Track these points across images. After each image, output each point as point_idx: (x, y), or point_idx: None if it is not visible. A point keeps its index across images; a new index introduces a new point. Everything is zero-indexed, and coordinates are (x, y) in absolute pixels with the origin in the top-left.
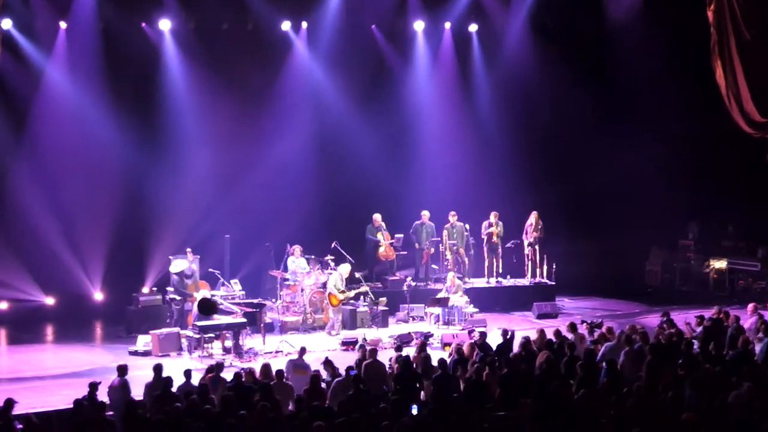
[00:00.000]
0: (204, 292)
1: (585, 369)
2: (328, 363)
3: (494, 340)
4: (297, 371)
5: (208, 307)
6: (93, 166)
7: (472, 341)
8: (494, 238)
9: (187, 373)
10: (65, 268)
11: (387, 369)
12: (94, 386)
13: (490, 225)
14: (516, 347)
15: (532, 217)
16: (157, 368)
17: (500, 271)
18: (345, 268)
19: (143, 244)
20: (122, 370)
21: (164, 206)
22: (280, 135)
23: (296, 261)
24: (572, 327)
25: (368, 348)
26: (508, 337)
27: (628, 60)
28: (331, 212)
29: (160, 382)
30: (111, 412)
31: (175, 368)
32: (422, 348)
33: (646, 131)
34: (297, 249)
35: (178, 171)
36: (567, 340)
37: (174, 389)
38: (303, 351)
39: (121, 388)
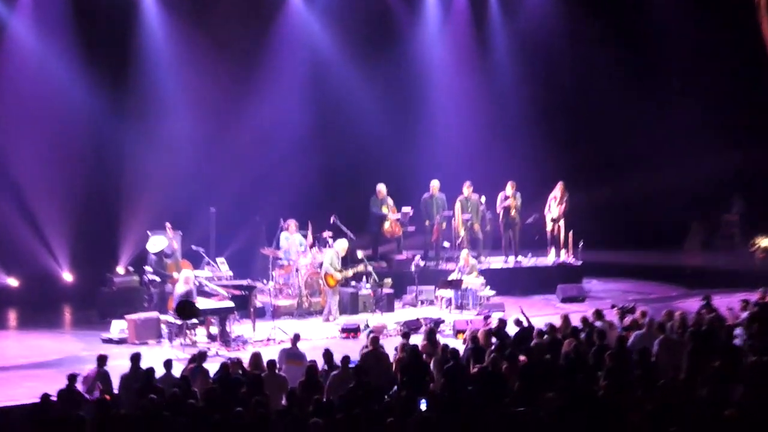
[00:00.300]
0: (186, 273)
1: (615, 359)
2: (327, 354)
3: (513, 326)
4: (291, 361)
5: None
6: (60, 130)
7: (488, 328)
8: (512, 212)
9: (168, 364)
10: (30, 246)
11: (392, 359)
12: (73, 378)
13: (507, 197)
14: (537, 335)
15: (558, 189)
16: (135, 358)
17: (519, 249)
18: (341, 245)
19: (117, 218)
20: (102, 360)
21: (141, 175)
22: (272, 97)
23: (290, 237)
24: (598, 314)
25: (370, 335)
26: (526, 324)
27: (656, 13)
28: (330, 183)
29: (137, 374)
30: (95, 393)
31: (154, 358)
32: (431, 335)
33: (678, 91)
34: (292, 224)
35: (156, 136)
36: (595, 327)
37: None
38: (296, 338)
39: (99, 379)
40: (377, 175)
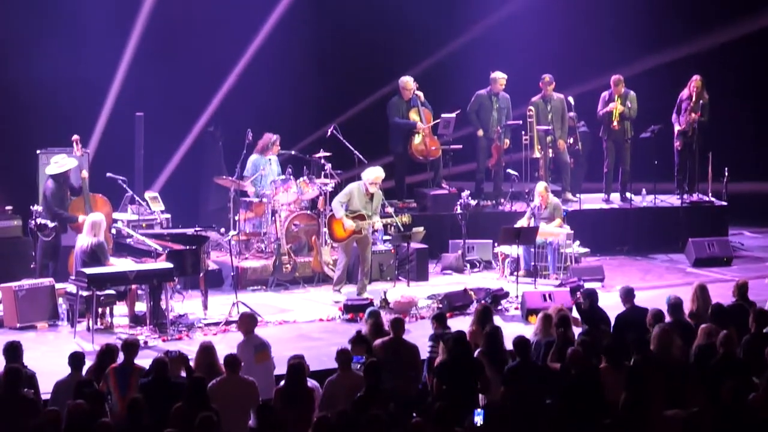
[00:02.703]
0: (95, 216)
1: None
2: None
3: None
4: (259, 356)
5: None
6: None
7: (574, 306)
8: (615, 122)
9: (77, 360)
10: None
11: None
12: None
13: (611, 98)
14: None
15: (693, 85)
16: (11, 350)
17: (630, 180)
18: (373, 173)
19: None
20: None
21: (31, 66)
22: None
23: (264, 161)
24: (740, 290)
25: (388, 316)
26: (632, 301)
27: None
28: (328, 75)
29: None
30: None
31: (47, 351)
32: (485, 316)
33: None
34: (270, 141)
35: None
36: (754, 305)
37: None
38: (249, 321)
39: None
40: (402, 63)
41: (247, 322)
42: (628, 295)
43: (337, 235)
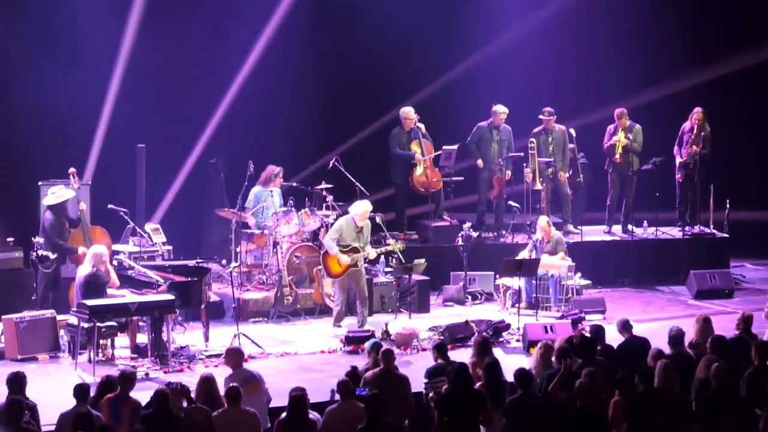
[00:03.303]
0: (97, 248)
1: None
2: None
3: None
4: (247, 389)
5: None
6: None
7: (575, 337)
8: (618, 155)
9: (83, 392)
10: None
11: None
12: None
13: (615, 131)
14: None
15: (695, 118)
16: (16, 380)
17: (633, 212)
18: (361, 207)
19: None
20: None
21: (28, 97)
22: None
23: (266, 193)
24: (745, 322)
25: (384, 348)
26: (630, 331)
27: None
28: (329, 106)
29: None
30: None
31: (48, 383)
32: (484, 348)
33: None
34: (273, 173)
35: (55, 43)
36: (756, 338)
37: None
38: (236, 355)
39: None
40: (402, 94)
41: (234, 355)
42: (625, 326)
43: (333, 271)
